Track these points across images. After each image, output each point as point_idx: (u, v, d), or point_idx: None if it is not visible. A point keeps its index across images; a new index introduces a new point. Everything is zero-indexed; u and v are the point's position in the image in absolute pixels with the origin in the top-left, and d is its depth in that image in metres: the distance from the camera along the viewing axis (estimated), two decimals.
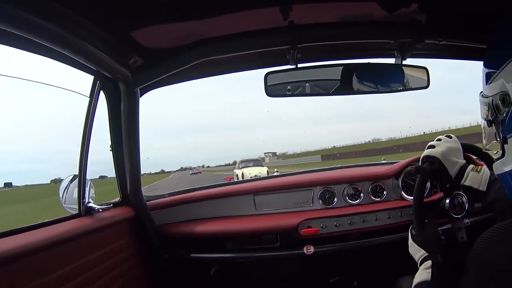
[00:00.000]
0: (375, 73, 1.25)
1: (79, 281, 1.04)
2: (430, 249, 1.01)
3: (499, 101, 0.69)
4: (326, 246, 1.44)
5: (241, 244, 1.52)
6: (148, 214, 1.48)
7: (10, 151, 51.24)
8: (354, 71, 1.25)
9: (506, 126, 0.68)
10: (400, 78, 1.27)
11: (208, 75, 1.45)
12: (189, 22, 1.08)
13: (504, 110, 0.68)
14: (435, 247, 1.03)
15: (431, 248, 1.01)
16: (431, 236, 1.06)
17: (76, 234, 1.08)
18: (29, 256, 0.87)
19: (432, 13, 1.12)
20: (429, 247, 1.02)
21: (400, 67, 1.28)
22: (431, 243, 1.03)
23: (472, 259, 0.57)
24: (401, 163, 1.58)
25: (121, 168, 1.40)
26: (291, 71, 1.22)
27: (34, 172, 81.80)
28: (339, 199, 1.55)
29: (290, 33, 1.13)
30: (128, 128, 1.33)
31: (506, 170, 0.71)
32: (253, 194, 1.58)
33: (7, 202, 19.16)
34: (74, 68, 1.13)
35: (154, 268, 1.54)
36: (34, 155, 63.46)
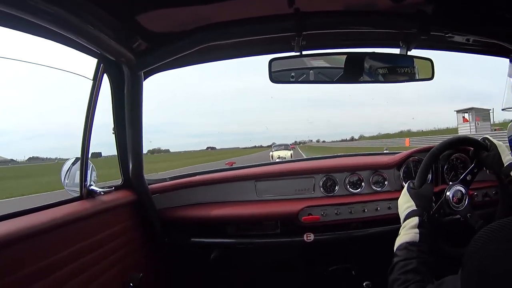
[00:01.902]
0: (379, 62, 1.25)
1: (80, 263, 1.05)
2: (421, 203, 1.03)
3: None
4: (326, 234, 1.46)
5: (241, 230, 1.53)
6: (150, 198, 1.48)
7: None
8: (359, 60, 1.24)
9: None
10: (404, 69, 1.27)
11: (212, 60, 1.45)
12: (194, 7, 1.07)
13: None
14: (425, 203, 1.05)
15: (422, 203, 1.03)
16: (427, 192, 1.09)
17: (77, 217, 1.08)
18: (31, 239, 0.88)
19: (440, 4, 1.12)
20: (421, 201, 1.03)
21: (405, 58, 1.27)
22: (424, 198, 1.05)
23: (468, 257, 0.56)
24: (404, 154, 1.58)
25: (123, 151, 1.40)
26: (295, 58, 1.22)
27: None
28: (340, 187, 1.55)
29: (296, 20, 1.12)
30: (131, 111, 1.33)
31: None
32: (255, 180, 1.59)
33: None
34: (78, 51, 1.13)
35: (155, 252, 1.55)
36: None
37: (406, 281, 0.81)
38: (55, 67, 1.23)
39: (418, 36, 1.20)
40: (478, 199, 1.43)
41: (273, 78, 1.21)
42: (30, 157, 35.54)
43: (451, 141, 1.26)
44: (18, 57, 1.14)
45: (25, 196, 9.99)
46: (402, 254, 0.89)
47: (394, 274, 0.85)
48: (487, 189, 1.44)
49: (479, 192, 1.44)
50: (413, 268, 0.83)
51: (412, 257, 0.87)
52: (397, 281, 0.82)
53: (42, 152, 38.59)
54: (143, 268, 1.40)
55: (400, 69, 1.26)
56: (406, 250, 0.89)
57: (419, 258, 0.86)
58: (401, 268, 0.85)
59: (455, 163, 1.53)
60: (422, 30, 1.17)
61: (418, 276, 0.81)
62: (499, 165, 1.18)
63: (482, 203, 1.43)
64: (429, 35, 1.19)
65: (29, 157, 32.66)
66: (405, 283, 0.80)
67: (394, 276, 0.84)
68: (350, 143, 52.86)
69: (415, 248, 0.89)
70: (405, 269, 0.84)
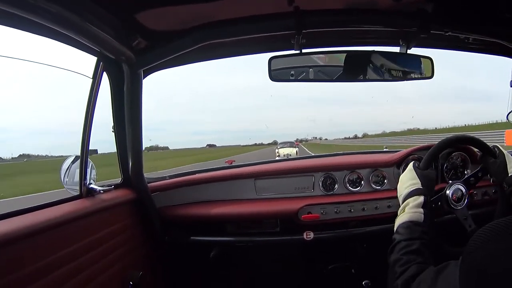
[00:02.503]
0: (379, 61, 1.25)
1: (80, 262, 1.05)
2: (426, 184, 1.03)
3: None
4: (325, 233, 1.46)
5: (241, 228, 1.54)
6: (149, 196, 1.48)
7: None
8: (359, 58, 1.24)
9: None
10: (404, 67, 1.27)
11: (212, 58, 1.45)
12: (194, 5, 1.07)
13: None
14: (430, 185, 1.06)
15: (428, 184, 1.03)
16: (432, 176, 1.09)
17: (77, 216, 1.08)
18: (31, 238, 0.88)
19: (440, 2, 1.12)
20: (426, 181, 1.04)
21: (405, 56, 1.27)
22: (429, 180, 1.06)
23: (467, 256, 0.56)
24: (403, 152, 1.58)
25: (123, 149, 1.40)
26: (295, 56, 1.22)
27: None
28: (340, 185, 1.55)
29: (295, 18, 1.12)
30: (131, 109, 1.33)
31: None
32: (254, 178, 1.59)
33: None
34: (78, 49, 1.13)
35: (154, 250, 1.55)
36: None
37: (408, 261, 0.80)
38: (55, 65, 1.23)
39: (418, 35, 1.20)
40: (478, 198, 1.43)
41: (273, 76, 1.20)
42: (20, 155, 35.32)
43: (463, 137, 1.27)
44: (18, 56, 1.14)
45: None
46: (405, 233, 0.89)
47: (395, 254, 0.85)
48: (487, 188, 1.44)
49: (479, 191, 1.44)
50: (416, 248, 0.83)
51: (415, 237, 0.87)
52: (399, 261, 0.82)
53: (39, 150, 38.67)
54: (142, 266, 1.40)
55: (400, 68, 1.26)
56: (409, 230, 0.89)
57: (422, 239, 0.86)
58: (404, 248, 0.84)
59: (455, 162, 1.52)
60: (422, 29, 1.17)
61: (420, 257, 0.81)
62: (503, 174, 1.18)
63: (481, 202, 1.43)
64: (429, 33, 1.19)
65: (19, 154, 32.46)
66: (407, 264, 0.80)
67: (396, 256, 0.84)
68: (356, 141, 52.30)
69: (419, 228, 0.89)
70: (408, 250, 0.84)
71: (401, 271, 0.79)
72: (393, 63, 1.26)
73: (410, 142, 25.45)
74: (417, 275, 0.75)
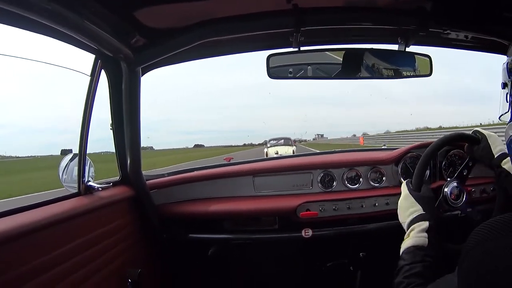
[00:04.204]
0: (377, 59, 1.25)
1: (79, 259, 1.05)
2: (428, 207, 1.00)
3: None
4: (324, 230, 1.46)
5: (239, 226, 1.54)
6: (148, 194, 1.48)
7: None
8: (357, 56, 1.25)
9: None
10: (402, 65, 1.28)
11: (210, 55, 1.44)
12: (192, 3, 1.07)
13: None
14: (431, 207, 1.03)
15: (429, 207, 1.01)
16: (429, 195, 1.07)
17: (75, 213, 1.08)
18: (29, 235, 0.87)
19: (438, 1, 1.12)
20: (427, 204, 1.01)
21: (403, 54, 1.28)
22: (429, 202, 1.03)
23: (466, 254, 0.56)
24: (402, 149, 1.58)
25: (121, 147, 1.39)
26: (293, 53, 1.22)
27: None
28: (338, 183, 1.55)
29: (294, 16, 1.12)
30: (129, 107, 1.33)
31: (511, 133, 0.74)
32: (253, 176, 1.59)
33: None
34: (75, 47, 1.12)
35: (153, 248, 1.55)
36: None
37: (409, 284, 0.81)
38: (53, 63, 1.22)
39: (417, 33, 1.21)
40: (476, 195, 1.44)
41: (271, 74, 1.21)
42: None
43: (446, 139, 1.26)
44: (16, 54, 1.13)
45: None
46: (408, 258, 0.89)
47: (399, 277, 0.86)
48: (485, 186, 1.45)
49: (477, 188, 1.44)
50: (417, 272, 0.84)
51: (417, 261, 0.87)
52: (401, 284, 0.83)
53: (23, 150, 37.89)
54: (141, 263, 1.40)
55: (398, 66, 1.27)
56: (413, 254, 0.90)
57: (424, 262, 0.87)
58: (406, 271, 0.85)
59: (453, 159, 1.53)
60: (421, 27, 1.18)
61: (421, 279, 0.82)
62: (489, 156, 1.18)
63: (479, 199, 1.43)
64: (427, 31, 1.19)
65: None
66: (408, 286, 0.81)
67: (398, 279, 0.85)
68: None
69: (422, 253, 0.90)
70: (410, 273, 0.84)
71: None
72: (392, 61, 1.26)
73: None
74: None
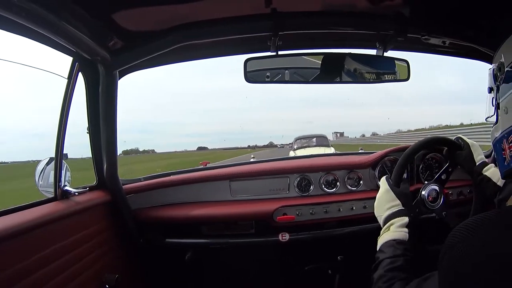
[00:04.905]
0: (356, 63, 1.26)
1: (55, 265, 1.04)
2: (407, 203, 1.01)
3: (497, 70, 0.75)
4: (301, 234, 1.46)
5: (216, 230, 1.53)
6: (124, 198, 1.46)
7: None
8: (335, 61, 1.26)
9: (500, 91, 0.74)
10: (380, 70, 1.29)
11: (188, 59, 1.44)
12: (170, 6, 1.07)
13: (500, 77, 0.74)
14: (410, 203, 1.04)
15: (407, 203, 1.02)
16: (407, 191, 1.07)
17: (52, 218, 1.07)
18: (5, 242, 0.86)
19: (417, 7, 1.13)
20: (406, 200, 1.02)
21: (381, 59, 1.29)
22: (407, 198, 1.04)
23: (447, 251, 0.57)
24: (379, 153, 1.60)
25: (97, 151, 1.38)
26: (271, 58, 1.22)
27: None
28: (315, 187, 1.56)
29: (273, 20, 1.12)
30: (106, 111, 1.31)
31: (497, 136, 0.75)
32: (229, 180, 1.58)
33: None
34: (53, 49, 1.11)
35: (130, 253, 1.54)
36: None
37: (392, 278, 0.81)
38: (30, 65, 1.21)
39: (395, 38, 1.22)
40: (453, 198, 1.46)
41: (248, 78, 1.21)
42: None
43: (427, 141, 1.28)
44: None
45: None
46: (389, 251, 0.89)
47: (380, 271, 0.85)
48: (462, 188, 1.47)
49: (454, 190, 1.47)
50: (400, 265, 0.84)
51: (398, 254, 0.87)
52: (383, 277, 0.82)
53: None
54: (119, 269, 1.38)
55: (377, 70, 1.28)
56: (393, 248, 0.89)
57: (405, 256, 0.87)
58: (388, 265, 0.85)
59: (430, 163, 1.55)
60: (399, 32, 1.19)
61: (403, 274, 0.81)
62: (471, 163, 1.21)
63: (457, 202, 1.46)
64: (405, 37, 1.20)
65: None
66: (391, 280, 0.80)
67: (380, 272, 0.84)
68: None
69: (402, 247, 0.89)
70: (392, 266, 0.84)
71: (385, 286, 0.80)
72: (370, 65, 1.27)
73: None
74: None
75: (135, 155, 45.83)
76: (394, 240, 0.91)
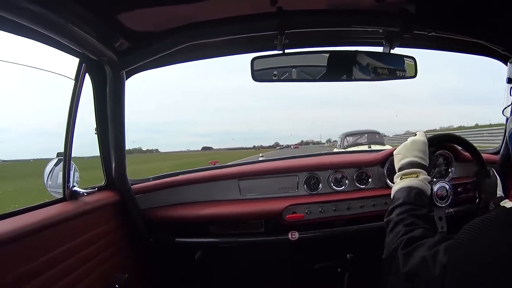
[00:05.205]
0: (362, 61, 1.26)
1: (64, 266, 1.04)
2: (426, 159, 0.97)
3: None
4: (310, 232, 1.45)
5: (226, 229, 1.53)
6: (133, 198, 1.46)
7: None
8: (342, 58, 1.26)
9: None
10: (387, 67, 1.28)
11: (195, 58, 1.45)
12: (176, 6, 1.07)
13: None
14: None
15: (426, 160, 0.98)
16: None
17: (61, 219, 1.07)
18: (14, 242, 0.86)
19: (422, 3, 1.13)
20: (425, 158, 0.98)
21: (388, 56, 1.29)
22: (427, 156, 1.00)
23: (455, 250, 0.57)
24: (387, 151, 1.59)
25: (106, 151, 1.38)
26: (278, 56, 1.22)
27: None
28: (324, 185, 1.55)
29: (279, 18, 1.12)
30: (114, 111, 1.31)
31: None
32: (238, 179, 1.58)
33: None
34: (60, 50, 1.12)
35: (140, 252, 1.54)
36: None
37: (414, 223, 0.77)
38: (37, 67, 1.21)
39: (401, 35, 1.22)
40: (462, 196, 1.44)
41: (256, 77, 1.21)
42: None
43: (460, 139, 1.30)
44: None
45: None
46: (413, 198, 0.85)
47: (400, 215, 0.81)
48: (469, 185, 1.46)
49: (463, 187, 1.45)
50: (424, 214, 0.82)
51: (422, 205, 0.84)
52: (405, 221, 0.79)
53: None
54: (128, 269, 1.39)
55: (383, 67, 1.27)
56: (418, 196, 0.86)
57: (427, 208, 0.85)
58: (410, 210, 0.81)
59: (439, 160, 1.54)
60: (405, 29, 1.19)
61: (427, 224, 0.79)
62: (493, 194, 1.19)
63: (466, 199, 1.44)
64: (412, 33, 1.20)
65: None
66: (413, 225, 0.77)
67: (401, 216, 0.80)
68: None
69: (426, 199, 0.87)
70: (415, 213, 0.80)
71: (406, 230, 0.76)
72: (376, 63, 1.27)
73: None
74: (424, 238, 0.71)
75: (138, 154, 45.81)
76: (420, 189, 0.88)
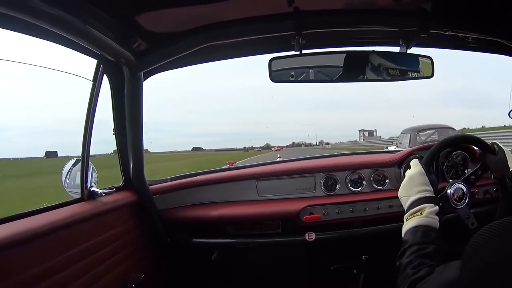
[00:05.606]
0: (379, 61, 1.24)
1: (82, 265, 1.06)
2: (436, 193, 0.98)
3: None
4: (327, 233, 1.45)
5: (243, 230, 1.53)
6: (151, 199, 1.48)
7: None
8: (358, 59, 1.24)
9: None
10: (404, 67, 1.27)
11: (212, 59, 1.45)
12: (193, 7, 1.07)
13: None
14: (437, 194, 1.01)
15: (436, 193, 0.99)
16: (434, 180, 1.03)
17: (78, 219, 1.08)
18: (32, 241, 0.88)
19: (439, 2, 1.12)
20: (436, 190, 0.99)
21: (405, 56, 1.27)
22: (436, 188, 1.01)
23: (470, 254, 0.57)
24: (404, 152, 1.58)
25: (124, 152, 1.40)
26: (295, 57, 1.22)
27: None
28: (341, 186, 1.55)
29: (296, 19, 1.12)
30: (132, 112, 1.33)
31: None
32: (256, 180, 1.58)
33: None
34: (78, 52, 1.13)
35: (156, 252, 1.55)
36: None
37: (421, 264, 0.80)
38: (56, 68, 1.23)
39: (418, 34, 1.20)
40: (479, 196, 1.43)
41: (273, 77, 1.20)
42: None
43: (463, 137, 1.26)
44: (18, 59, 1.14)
45: None
46: (419, 237, 0.87)
47: (409, 257, 0.83)
48: (488, 187, 1.44)
49: (480, 189, 1.44)
50: (428, 252, 0.83)
51: (429, 242, 0.86)
52: (412, 263, 0.81)
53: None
54: (145, 268, 1.40)
55: (400, 67, 1.26)
56: (424, 234, 0.88)
57: (435, 244, 0.86)
58: (417, 251, 0.83)
59: (455, 161, 1.52)
60: (422, 28, 1.17)
61: (431, 261, 0.80)
62: (504, 169, 1.16)
63: (482, 200, 1.43)
64: (428, 33, 1.19)
65: None
66: (419, 266, 0.79)
67: (409, 259, 0.83)
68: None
69: (434, 235, 0.88)
70: (422, 253, 0.83)
71: (413, 272, 0.79)
72: (393, 63, 1.25)
73: None
74: (427, 276, 0.75)
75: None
76: (426, 226, 0.89)
